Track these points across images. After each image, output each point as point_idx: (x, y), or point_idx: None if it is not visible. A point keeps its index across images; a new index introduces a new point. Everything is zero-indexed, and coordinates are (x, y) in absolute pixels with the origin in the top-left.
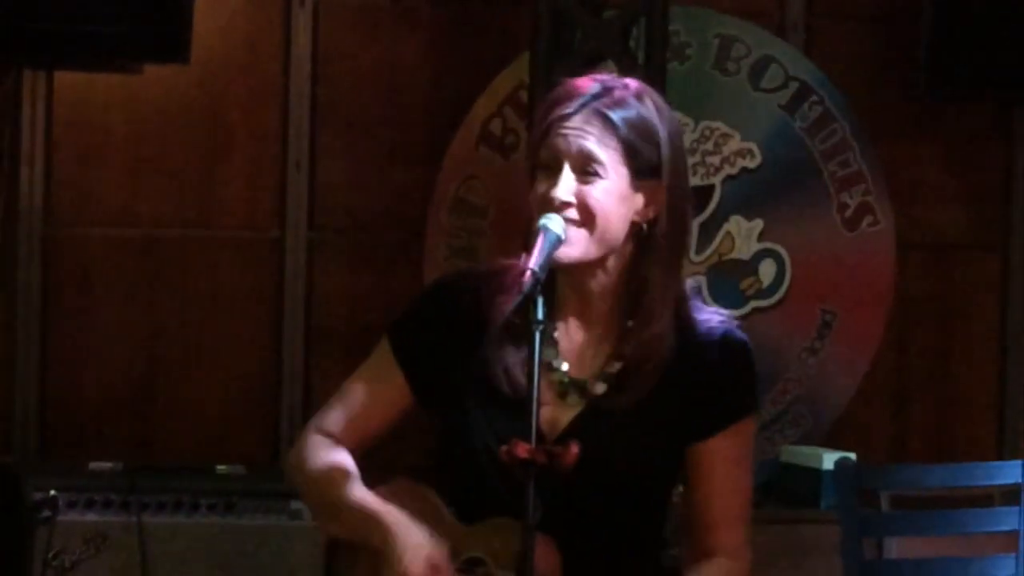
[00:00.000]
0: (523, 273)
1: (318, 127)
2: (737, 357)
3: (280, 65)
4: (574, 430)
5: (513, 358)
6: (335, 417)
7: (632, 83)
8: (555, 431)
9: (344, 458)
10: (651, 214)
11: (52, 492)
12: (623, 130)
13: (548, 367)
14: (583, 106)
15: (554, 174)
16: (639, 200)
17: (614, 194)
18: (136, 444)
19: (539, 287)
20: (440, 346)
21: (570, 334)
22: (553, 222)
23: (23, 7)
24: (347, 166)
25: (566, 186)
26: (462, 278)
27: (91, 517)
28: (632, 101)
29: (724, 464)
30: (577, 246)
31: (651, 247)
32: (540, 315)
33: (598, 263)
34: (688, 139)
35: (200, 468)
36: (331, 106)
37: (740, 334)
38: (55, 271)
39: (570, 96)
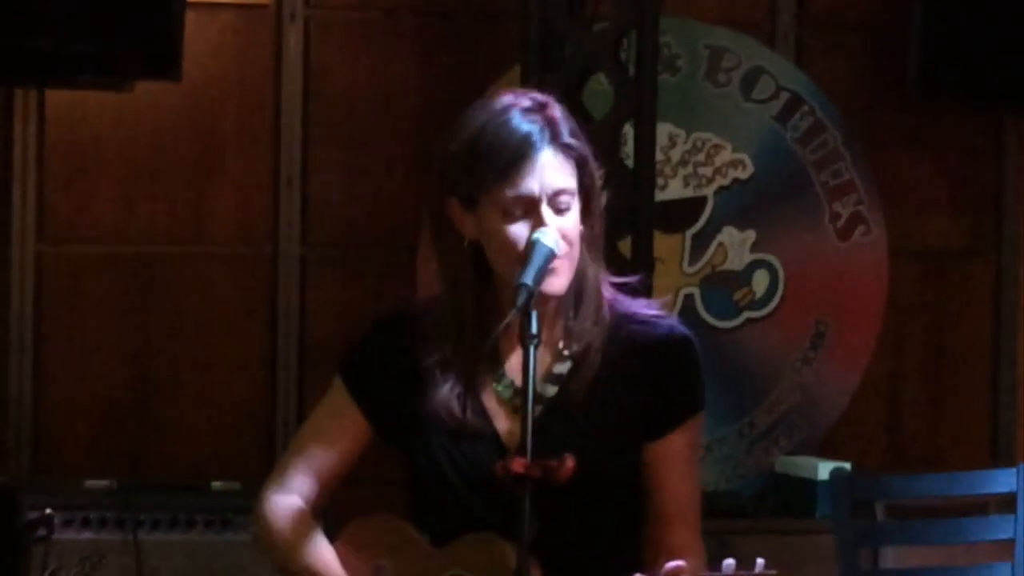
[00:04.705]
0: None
1: (310, 142)
2: (684, 354)
3: (271, 81)
4: (534, 437)
5: (451, 392)
6: (294, 470)
7: (541, 95)
8: (515, 441)
9: (303, 519)
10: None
11: (47, 511)
12: (574, 151)
13: (496, 384)
14: (542, 142)
15: (528, 215)
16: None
17: (576, 213)
18: (131, 461)
19: (532, 300)
20: (391, 378)
21: (513, 343)
22: (546, 236)
23: (13, 26)
24: (339, 181)
25: (554, 226)
26: (403, 312)
27: (87, 535)
28: (560, 113)
29: (678, 461)
30: (564, 277)
31: (587, 245)
32: (534, 329)
33: None
34: (680, 150)
35: (195, 485)
36: (322, 121)
37: (683, 328)
38: (48, 289)
39: (524, 138)
